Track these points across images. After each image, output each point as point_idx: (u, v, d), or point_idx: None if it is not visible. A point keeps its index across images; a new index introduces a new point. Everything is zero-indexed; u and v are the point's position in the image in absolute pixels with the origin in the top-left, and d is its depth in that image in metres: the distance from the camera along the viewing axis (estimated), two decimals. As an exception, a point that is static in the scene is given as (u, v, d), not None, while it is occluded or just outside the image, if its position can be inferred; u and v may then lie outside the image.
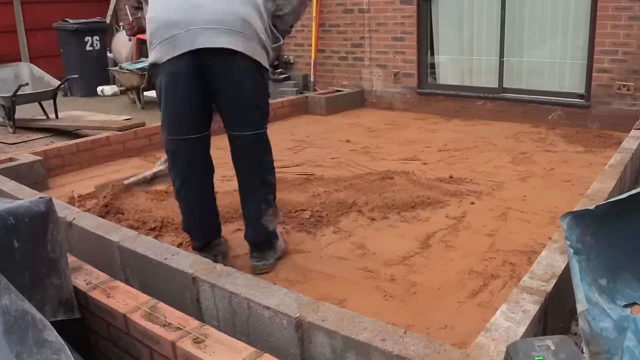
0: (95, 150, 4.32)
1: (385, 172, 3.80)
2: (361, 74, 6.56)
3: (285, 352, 1.69)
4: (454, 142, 4.70)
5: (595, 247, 1.66)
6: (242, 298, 1.78)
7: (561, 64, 5.23)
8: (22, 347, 1.22)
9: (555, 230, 2.62)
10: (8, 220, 1.53)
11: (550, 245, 2.06)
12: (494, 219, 3.01)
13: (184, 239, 2.80)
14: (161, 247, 2.20)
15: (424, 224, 2.98)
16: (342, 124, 5.64)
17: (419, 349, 1.45)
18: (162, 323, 1.59)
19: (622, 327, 1.52)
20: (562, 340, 1.26)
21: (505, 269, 2.45)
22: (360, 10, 6.35)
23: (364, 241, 2.79)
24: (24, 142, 5.37)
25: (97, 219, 2.59)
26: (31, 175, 3.66)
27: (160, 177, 3.77)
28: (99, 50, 8.23)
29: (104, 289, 1.81)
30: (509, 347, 1.28)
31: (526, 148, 4.44)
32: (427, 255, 2.63)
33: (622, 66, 4.75)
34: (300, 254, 2.68)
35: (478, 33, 5.69)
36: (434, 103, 6.03)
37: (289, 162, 4.18)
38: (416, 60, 6.07)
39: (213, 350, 1.44)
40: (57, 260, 1.67)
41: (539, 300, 1.68)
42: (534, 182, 3.60)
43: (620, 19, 4.66)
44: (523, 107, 5.41)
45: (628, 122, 4.42)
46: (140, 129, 4.68)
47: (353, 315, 1.62)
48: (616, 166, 2.95)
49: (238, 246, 2.74)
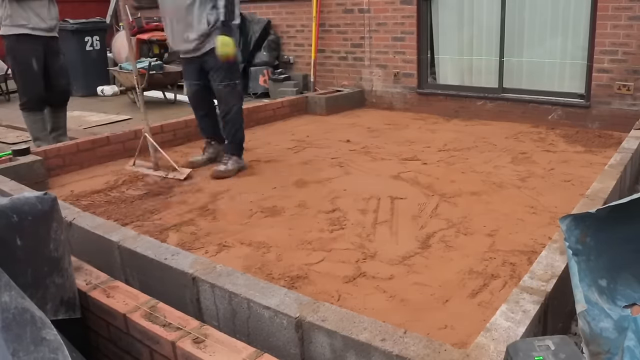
0: (95, 150, 4.32)
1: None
2: (361, 74, 6.57)
3: (285, 352, 1.69)
4: (454, 142, 4.70)
5: (595, 248, 1.66)
6: (242, 298, 1.78)
7: (561, 64, 5.24)
8: (19, 345, 1.22)
9: (555, 230, 2.62)
10: (11, 217, 1.53)
11: (550, 245, 2.06)
12: (494, 219, 3.02)
13: (184, 238, 2.81)
14: (161, 247, 2.20)
15: (424, 224, 2.98)
16: (342, 124, 5.64)
17: (419, 349, 1.45)
18: (162, 323, 1.59)
19: (623, 327, 1.52)
20: (562, 340, 1.26)
21: (505, 269, 2.45)
22: (360, 10, 6.36)
23: (364, 241, 2.80)
24: (24, 142, 5.36)
25: (97, 218, 2.59)
26: (31, 175, 3.66)
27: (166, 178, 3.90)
28: (99, 50, 8.23)
29: (104, 289, 1.81)
30: (509, 347, 1.28)
31: (526, 148, 4.44)
32: (427, 255, 2.63)
33: (622, 66, 4.75)
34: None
35: (478, 33, 5.69)
36: (434, 103, 6.03)
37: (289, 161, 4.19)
38: (416, 60, 6.07)
39: (213, 350, 1.44)
40: (59, 259, 1.68)
41: (539, 300, 1.68)
42: (534, 182, 3.60)
43: (620, 19, 4.66)
44: (523, 107, 5.41)
45: (628, 122, 4.42)
46: (140, 129, 4.67)
47: (353, 315, 1.62)
48: (616, 166, 2.95)
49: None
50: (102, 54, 8.31)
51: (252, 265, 2.57)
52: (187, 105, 7.35)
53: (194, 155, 4.34)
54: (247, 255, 2.69)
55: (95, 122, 6.25)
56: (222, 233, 2.95)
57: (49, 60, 4.53)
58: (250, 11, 7.51)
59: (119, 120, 6.30)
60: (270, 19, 7.36)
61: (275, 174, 3.95)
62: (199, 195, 3.55)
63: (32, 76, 4.44)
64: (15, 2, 4.24)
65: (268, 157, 4.40)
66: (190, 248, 2.74)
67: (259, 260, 2.63)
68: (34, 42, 4.38)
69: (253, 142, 4.83)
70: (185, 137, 4.93)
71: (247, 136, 4.16)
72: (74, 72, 7.59)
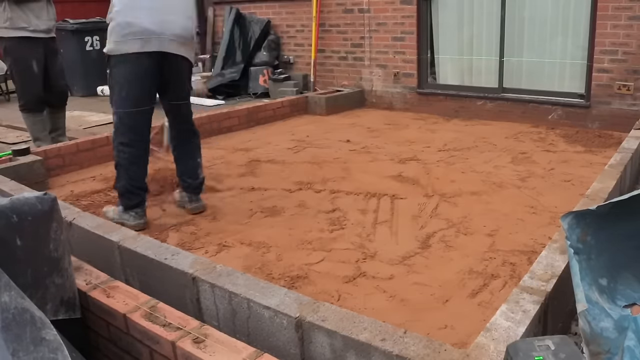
0: (95, 150, 4.32)
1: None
2: (361, 74, 6.56)
3: (285, 352, 1.69)
4: (453, 142, 4.70)
5: (595, 246, 1.65)
6: (242, 298, 1.78)
7: (561, 64, 5.23)
8: (19, 345, 1.22)
9: (555, 230, 2.62)
10: (11, 218, 1.53)
11: (550, 245, 2.06)
12: (494, 219, 3.01)
13: (184, 239, 2.81)
14: (161, 247, 2.20)
15: (424, 224, 2.98)
16: (342, 124, 5.64)
17: (419, 349, 1.45)
18: (162, 323, 1.59)
19: (623, 327, 1.52)
20: (562, 340, 1.26)
21: (505, 269, 2.45)
22: (360, 10, 6.36)
23: (364, 241, 2.80)
24: (24, 142, 5.36)
25: (97, 219, 2.59)
26: (31, 175, 3.66)
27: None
28: (99, 50, 8.22)
29: (104, 289, 1.80)
30: (509, 347, 1.28)
31: (526, 148, 4.44)
32: (427, 255, 2.63)
33: (622, 66, 4.75)
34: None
35: (478, 33, 5.69)
36: (434, 103, 6.03)
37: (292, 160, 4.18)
38: (416, 60, 6.07)
39: (213, 350, 1.44)
40: (59, 259, 1.67)
41: (539, 300, 1.68)
42: (534, 182, 3.60)
43: (620, 19, 4.66)
44: (523, 107, 5.41)
45: (628, 122, 4.42)
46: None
47: (353, 315, 1.62)
48: (616, 166, 2.95)
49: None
50: (102, 54, 8.27)
51: (252, 265, 2.57)
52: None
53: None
54: (247, 255, 2.69)
55: (95, 122, 6.24)
56: (222, 233, 2.95)
57: (49, 62, 4.54)
58: (250, 11, 7.51)
59: (119, 120, 6.29)
60: (270, 19, 7.36)
61: (275, 174, 3.95)
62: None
63: (31, 78, 4.44)
64: (15, 4, 4.24)
65: (268, 157, 4.40)
66: (190, 248, 2.74)
67: (259, 260, 2.63)
68: (34, 44, 4.39)
69: (253, 142, 4.83)
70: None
71: (247, 136, 4.16)
72: (74, 72, 7.62)
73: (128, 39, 2.83)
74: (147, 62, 2.87)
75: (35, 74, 4.43)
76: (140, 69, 2.87)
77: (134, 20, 2.82)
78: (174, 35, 2.91)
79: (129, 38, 2.83)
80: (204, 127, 5.06)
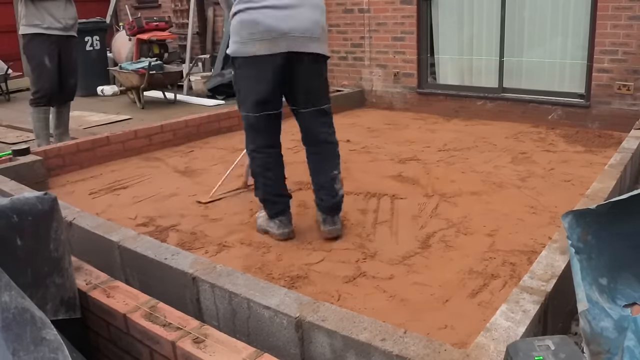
0: (95, 150, 4.32)
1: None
2: (361, 74, 6.56)
3: (285, 352, 1.69)
4: (453, 142, 4.70)
5: (596, 246, 1.65)
6: (242, 298, 1.78)
7: (561, 64, 5.23)
8: (20, 345, 1.22)
9: (555, 230, 2.63)
10: (12, 217, 1.53)
11: (550, 245, 2.06)
12: (494, 219, 3.02)
13: (183, 238, 2.80)
14: (161, 247, 2.20)
15: (424, 224, 2.98)
16: (342, 124, 5.63)
17: (419, 349, 1.45)
18: (162, 323, 1.59)
19: (623, 326, 1.52)
20: (562, 340, 1.26)
21: (505, 269, 2.45)
22: (360, 10, 6.36)
23: (364, 241, 2.79)
24: (24, 142, 5.37)
25: (97, 219, 2.59)
26: (31, 175, 3.66)
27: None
28: (99, 50, 8.23)
29: (104, 289, 1.81)
30: (509, 347, 1.28)
31: (526, 148, 4.44)
32: (427, 255, 2.63)
33: (622, 66, 4.75)
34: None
35: (478, 33, 5.69)
36: (434, 103, 6.03)
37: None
38: (416, 60, 6.07)
39: (213, 350, 1.44)
40: (60, 259, 1.68)
41: (539, 300, 1.68)
42: (534, 182, 3.60)
43: (620, 19, 4.66)
44: (523, 107, 5.41)
45: (628, 122, 4.42)
46: (140, 129, 4.68)
47: (353, 315, 1.62)
48: (616, 166, 2.95)
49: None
50: (102, 54, 8.30)
51: (252, 265, 2.57)
52: (187, 105, 7.41)
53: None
54: (247, 255, 2.69)
55: (95, 122, 6.25)
56: (222, 233, 2.95)
57: (63, 59, 4.62)
58: (250, 11, 7.51)
59: (119, 120, 6.30)
60: (270, 19, 7.35)
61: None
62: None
63: (45, 73, 4.52)
64: (31, 2, 4.36)
65: (268, 157, 4.39)
66: (190, 248, 2.74)
67: (259, 260, 2.63)
68: (47, 41, 4.47)
69: (253, 142, 4.83)
70: (185, 137, 4.93)
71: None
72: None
73: (253, 39, 2.60)
74: (275, 63, 2.62)
75: (48, 69, 4.51)
76: (268, 71, 2.64)
77: (258, 16, 2.58)
78: (303, 30, 2.62)
79: (255, 38, 2.60)
80: (204, 127, 5.08)
